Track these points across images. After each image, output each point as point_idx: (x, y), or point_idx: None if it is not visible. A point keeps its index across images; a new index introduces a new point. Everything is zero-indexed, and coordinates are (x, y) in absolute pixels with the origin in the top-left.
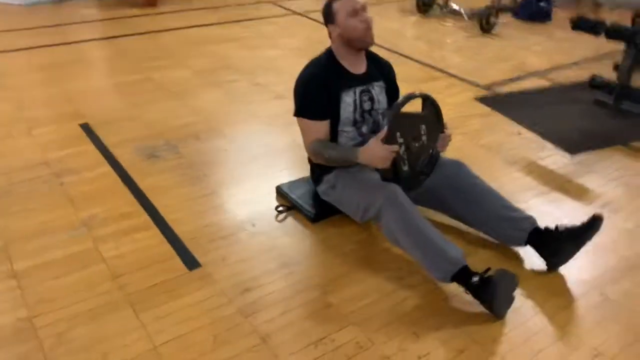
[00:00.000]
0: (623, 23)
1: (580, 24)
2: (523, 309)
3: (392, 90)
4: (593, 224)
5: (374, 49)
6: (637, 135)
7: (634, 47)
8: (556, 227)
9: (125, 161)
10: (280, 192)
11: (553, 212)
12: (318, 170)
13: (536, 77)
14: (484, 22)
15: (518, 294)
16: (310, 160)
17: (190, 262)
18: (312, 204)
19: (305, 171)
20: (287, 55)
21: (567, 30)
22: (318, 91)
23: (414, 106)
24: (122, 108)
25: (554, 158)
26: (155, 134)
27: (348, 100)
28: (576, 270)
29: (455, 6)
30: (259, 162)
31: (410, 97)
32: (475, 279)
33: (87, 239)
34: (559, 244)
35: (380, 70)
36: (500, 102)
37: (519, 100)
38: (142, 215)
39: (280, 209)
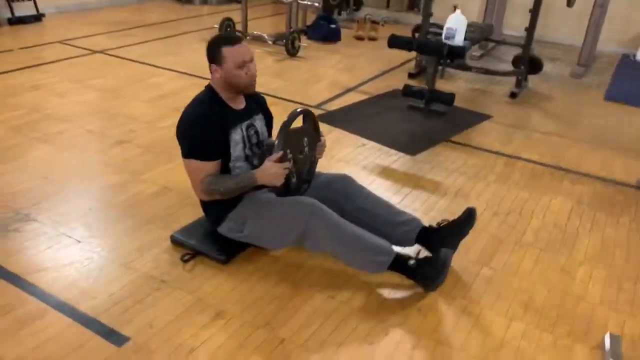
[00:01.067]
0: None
1: (396, 42)
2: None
3: (268, 118)
4: (469, 217)
5: None
6: (452, 130)
7: (438, 58)
8: (438, 224)
9: None
10: (176, 241)
11: (420, 207)
12: (217, 210)
13: (352, 92)
14: (290, 46)
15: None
16: (202, 202)
17: (115, 338)
18: (217, 248)
19: (188, 213)
20: (107, 97)
21: (356, 47)
22: (207, 132)
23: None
24: None
25: (401, 161)
26: None
27: (237, 138)
28: (463, 253)
29: (255, 32)
30: (133, 215)
31: (295, 115)
32: (412, 261)
33: None
34: (443, 239)
35: (256, 102)
36: (335, 118)
37: (349, 114)
38: (28, 301)
39: (186, 257)
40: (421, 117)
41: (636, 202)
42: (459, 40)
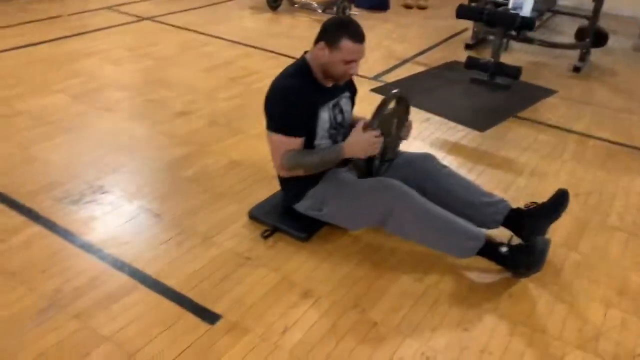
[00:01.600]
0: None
1: (465, 12)
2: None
3: (352, 93)
4: (562, 199)
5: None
6: (518, 106)
7: (508, 29)
8: (527, 207)
9: (53, 214)
10: (254, 217)
11: (497, 187)
12: (296, 186)
13: (409, 63)
14: (341, 14)
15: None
16: (281, 178)
17: (207, 315)
18: (297, 225)
19: (261, 188)
20: (162, 66)
21: (406, 16)
22: (298, 107)
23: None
24: (8, 153)
25: (470, 137)
26: (70, 176)
27: (324, 117)
28: (558, 239)
29: (305, 0)
30: (207, 189)
31: (391, 99)
32: (504, 249)
33: (68, 320)
34: (535, 223)
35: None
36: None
37: (408, 87)
38: (116, 276)
39: (266, 234)
40: (485, 90)
41: None
42: (526, 10)
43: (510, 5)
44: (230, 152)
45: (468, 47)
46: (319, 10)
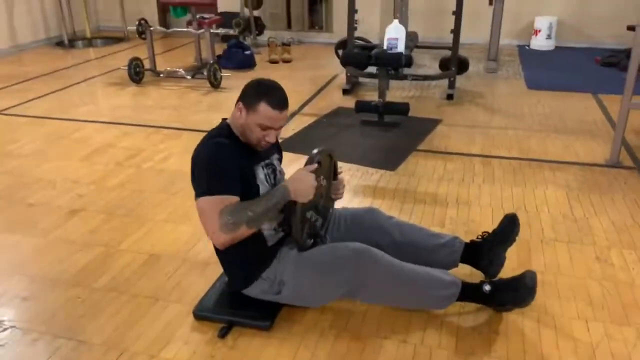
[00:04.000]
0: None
1: (351, 60)
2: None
3: (280, 156)
4: (512, 223)
5: None
6: (415, 139)
7: (394, 68)
8: (483, 238)
9: None
10: (202, 316)
11: (433, 222)
12: (244, 269)
13: (297, 115)
14: (212, 78)
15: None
16: (226, 260)
17: None
18: (256, 314)
19: (196, 280)
20: (33, 163)
21: (275, 71)
22: (229, 162)
23: None
24: None
25: (385, 178)
26: None
27: (261, 177)
28: (512, 264)
29: (169, 68)
30: (133, 296)
31: (316, 157)
32: (487, 287)
33: None
34: (492, 253)
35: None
36: (295, 145)
37: (307, 138)
38: None
39: (222, 332)
40: (379, 130)
41: (616, 179)
42: (401, 49)
43: (385, 46)
44: (144, 247)
45: (345, 92)
46: (188, 77)
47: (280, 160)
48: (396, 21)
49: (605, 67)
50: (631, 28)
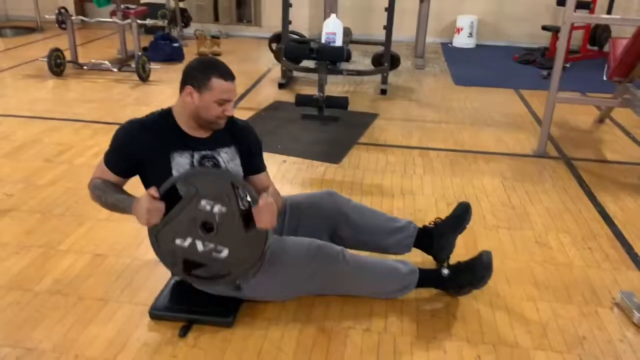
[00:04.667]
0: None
1: (293, 51)
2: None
3: (248, 154)
4: (464, 211)
5: None
6: (355, 133)
7: (334, 62)
8: (435, 224)
9: None
10: (159, 316)
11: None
12: None
13: (235, 109)
14: (141, 70)
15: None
16: None
17: None
18: (217, 310)
19: (147, 277)
20: None
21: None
22: (129, 143)
23: None
24: None
25: (331, 171)
26: None
27: (181, 162)
28: (460, 251)
29: (94, 60)
30: (80, 299)
31: (182, 179)
32: (445, 271)
33: None
34: (443, 239)
35: (233, 134)
36: None
37: None
38: None
39: (183, 332)
40: (319, 124)
41: (545, 168)
42: (339, 43)
43: (323, 40)
44: (86, 246)
45: (281, 85)
46: (115, 69)
47: (242, 152)
48: (334, 15)
49: (523, 65)
50: (545, 28)
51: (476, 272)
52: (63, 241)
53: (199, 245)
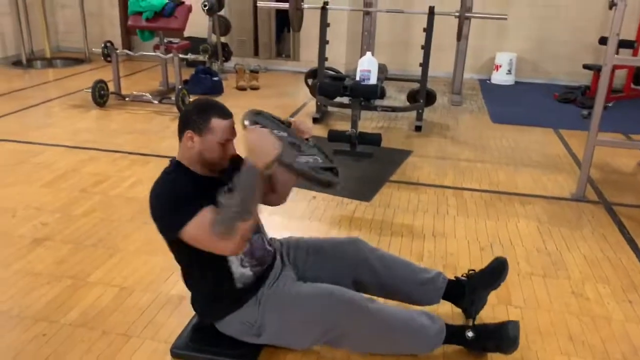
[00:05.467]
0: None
1: (326, 90)
2: None
3: None
4: (501, 268)
5: None
6: (387, 170)
7: (368, 99)
8: (467, 277)
9: None
10: (181, 355)
11: (412, 254)
12: (212, 305)
13: None
14: (181, 103)
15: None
16: (199, 301)
17: None
18: (238, 352)
19: (172, 315)
20: None
21: (242, 98)
22: (188, 188)
23: None
24: None
25: (361, 209)
26: None
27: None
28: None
29: (135, 92)
30: (105, 333)
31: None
32: (470, 333)
33: None
34: (475, 294)
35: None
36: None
37: None
38: None
39: None
40: (351, 160)
41: (584, 213)
42: (373, 80)
43: (358, 77)
44: (115, 279)
45: (315, 120)
46: (155, 102)
47: None
48: (369, 53)
49: (563, 103)
50: (587, 67)
51: (501, 344)
52: (92, 273)
53: (306, 158)
